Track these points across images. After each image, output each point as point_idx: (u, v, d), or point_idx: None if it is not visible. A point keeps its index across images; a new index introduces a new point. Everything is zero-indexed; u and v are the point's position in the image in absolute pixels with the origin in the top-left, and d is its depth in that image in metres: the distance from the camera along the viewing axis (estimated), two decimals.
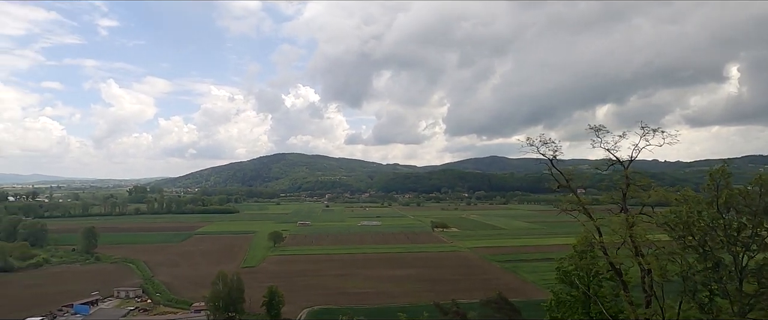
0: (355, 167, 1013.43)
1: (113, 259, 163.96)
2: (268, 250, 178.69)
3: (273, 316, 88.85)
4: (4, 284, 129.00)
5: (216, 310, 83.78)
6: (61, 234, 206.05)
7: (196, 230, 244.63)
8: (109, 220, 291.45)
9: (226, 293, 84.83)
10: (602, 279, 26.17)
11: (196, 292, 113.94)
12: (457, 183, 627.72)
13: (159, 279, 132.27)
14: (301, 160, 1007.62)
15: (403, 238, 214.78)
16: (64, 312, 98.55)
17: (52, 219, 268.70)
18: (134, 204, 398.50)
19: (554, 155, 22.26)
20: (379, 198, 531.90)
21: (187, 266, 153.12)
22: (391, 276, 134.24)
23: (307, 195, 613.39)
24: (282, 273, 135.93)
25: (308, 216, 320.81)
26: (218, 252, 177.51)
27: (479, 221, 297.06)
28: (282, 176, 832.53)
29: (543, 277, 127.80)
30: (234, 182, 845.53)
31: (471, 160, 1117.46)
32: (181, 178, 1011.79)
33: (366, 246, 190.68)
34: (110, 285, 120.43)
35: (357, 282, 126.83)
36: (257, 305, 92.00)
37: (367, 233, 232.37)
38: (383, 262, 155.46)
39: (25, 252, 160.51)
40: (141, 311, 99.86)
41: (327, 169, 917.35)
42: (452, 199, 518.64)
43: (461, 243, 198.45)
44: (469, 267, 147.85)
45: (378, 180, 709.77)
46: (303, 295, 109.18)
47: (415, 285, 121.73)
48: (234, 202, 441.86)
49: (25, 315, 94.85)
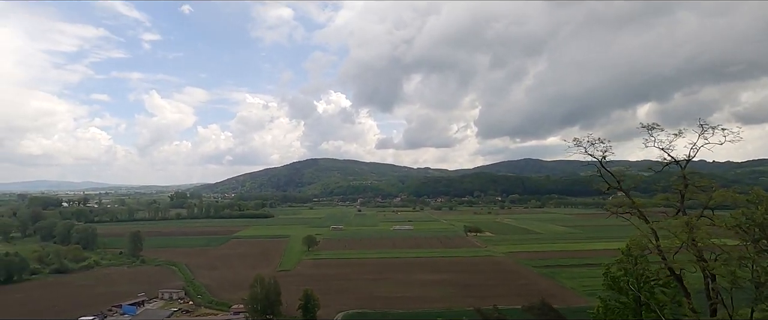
0: (386, 171, 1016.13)
1: (157, 262, 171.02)
2: (302, 254, 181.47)
3: (309, 319, 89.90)
4: (60, 285, 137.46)
5: (254, 312, 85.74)
6: (110, 238, 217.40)
7: (233, 234, 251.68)
8: (153, 225, 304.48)
9: (264, 295, 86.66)
10: (654, 284, 24.83)
11: (235, 294, 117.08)
12: (490, 186, 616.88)
13: (200, 281, 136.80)
14: (333, 165, 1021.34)
15: (436, 243, 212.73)
16: (113, 312, 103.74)
17: (101, 224, 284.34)
18: (175, 209, 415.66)
19: (604, 156, 21.26)
20: (410, 203, 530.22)
21: (226, 269, 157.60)
22: (425, 280, 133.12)
23: (339, 199, 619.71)
24: (316, 277, 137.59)
25: (341, 221, 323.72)
26: (255, 256, 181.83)
27: (514, 225, 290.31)
28: (314, 181, 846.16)
29: (583, 283, 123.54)
30: (268, 187, 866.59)
31: (504, 163, 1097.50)
32: (218, 184, 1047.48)
33: (399, 251, 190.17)
34: (155, 287, 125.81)
35: (391, 286, 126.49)
36: (293, 308, 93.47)
37: (400, 237, 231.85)
38: (417, 267, 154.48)
39: (78, 255, 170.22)
40: (184, 312, 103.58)
41: (358, 174, 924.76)
42: (485, 203, 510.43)
43: (496, 247, 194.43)
44: (504, 273, 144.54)
45: (409, 185, 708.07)
46: (337, 299, 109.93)
47: (450, 290, 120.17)
48: (269, 207, 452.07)
49: (78, 314, 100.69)
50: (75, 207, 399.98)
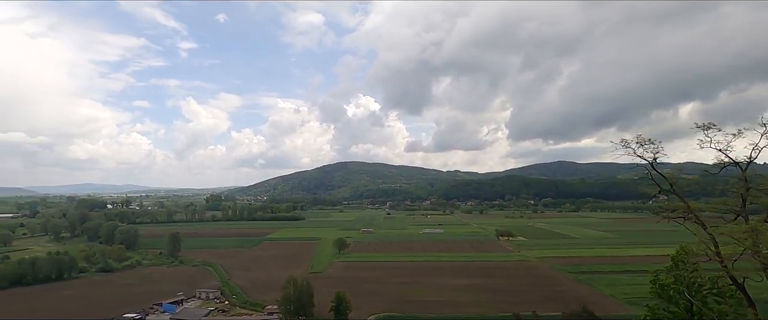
0: (415, 174, 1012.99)
1: (194, 262, 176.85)
2: (333, 256, 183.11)
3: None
4: (105, 283, 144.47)
5: (287, 313, 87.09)
6: (150, 239, 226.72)
7: (266, 236, 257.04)
8: (190, 226, 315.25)
9: (297, 297, 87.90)
10: (707, 293, 23.40)
11: (268, 295, 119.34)
12: (522, 189, 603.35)
13: (234, 282, 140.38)
14: (362, 168, 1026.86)
15: (467, 247, 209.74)
16: (154, 310, 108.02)
17: (142, 225, 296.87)
18: (211, 211, 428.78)
19: (655, 157, 20.19)
20: (440, 206, 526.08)
21: (259, 270, 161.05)
22: (456, 285, 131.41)
23: (368, 202, 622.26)
24: (347, 279, 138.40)
25: (370, 224, 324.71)
26: (287, 258, 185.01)
27: (547, 229, 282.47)
28: (344, 184, 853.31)
29: (623, 291, 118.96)
30: (299, 190, 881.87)
31: (536, 166, 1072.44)
32: (251, 187, 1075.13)
33: (429, 254, 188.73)
34: (192, 287, 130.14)
35: (422, 290, 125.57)
36: (325, 309, 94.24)
37: (430, 241, 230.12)
38: (448, 271, 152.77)
39: (121, 255, 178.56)
40: (220, 312, 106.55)
41: (387, 177, 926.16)
42: (517, 207, 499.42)
43: (529, 252, 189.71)
44: (538, 278, 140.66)
45: (439, 188, 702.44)
46: (368, 302, 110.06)
47: (482, 295, 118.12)
48: (300, 210, 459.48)
49: (122, 311, 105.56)
50: (118, 209, 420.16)
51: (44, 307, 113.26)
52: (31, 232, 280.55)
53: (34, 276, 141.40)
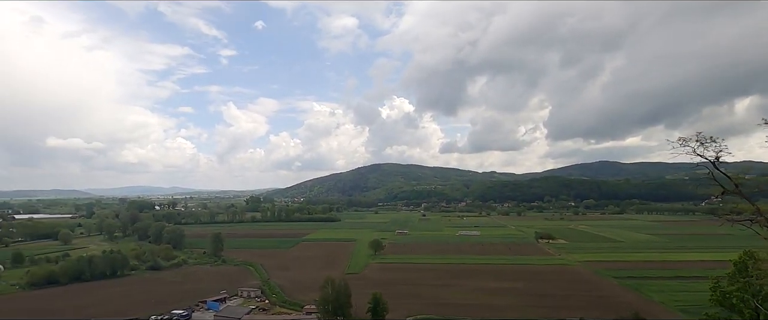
0: (450, 176, 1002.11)
1: (235, 262, 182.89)
2: (369, 258, 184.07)
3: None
4: (154, 281, 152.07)
5: (325, 313, 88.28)
6: (194, 239, 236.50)
7: (303, 237, 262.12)
8: (231, 227, 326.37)
9: (334, 297, 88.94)
10: None
11: (306, 295, 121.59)
12: (562, 191, 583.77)
13: (274, 281, 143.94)
14: (397, 169, 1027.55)
15: (505, 249, 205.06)
16: (200, 307, 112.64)
17: (187, 226, 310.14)
18: (250, 212, 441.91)
19: (718, 156, 18.87)
20: (476, 208, 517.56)
21: (297, 270, 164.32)
22: (494, 288, 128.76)
23: (403, 204, 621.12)
24: (383, 281, 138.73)
25: (405, 225, 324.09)
26: (323, 258, 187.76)
27: (590, 232, 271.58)
28: (378, 186, 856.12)
29: (675, 298, 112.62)
30: (334, 192, 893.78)
31: (577, 166, 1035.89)
32: (288, 189, 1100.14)
33: (465, 257, 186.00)
34: (235, 285, 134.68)
35: (458, 293, 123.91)
36: (362, 310, 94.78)
37: (466, 243, 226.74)
38: (485, 274, 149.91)
39: (169, 254, 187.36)
40: (261, 310, 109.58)
41: (422, 178, 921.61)
42: (557, 208, 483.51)
43: (570, 256, 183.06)
44: (581, 283, 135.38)
45: (474, 189, 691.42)
46: (404, 303, 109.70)
47: (521, 299, 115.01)
48: (335, 211, 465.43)
49: (170, 307, 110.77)
50: (165, 210, 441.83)
51: (100, 302, 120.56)
52: (87, 232, 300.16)
53: (91, 273, 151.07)
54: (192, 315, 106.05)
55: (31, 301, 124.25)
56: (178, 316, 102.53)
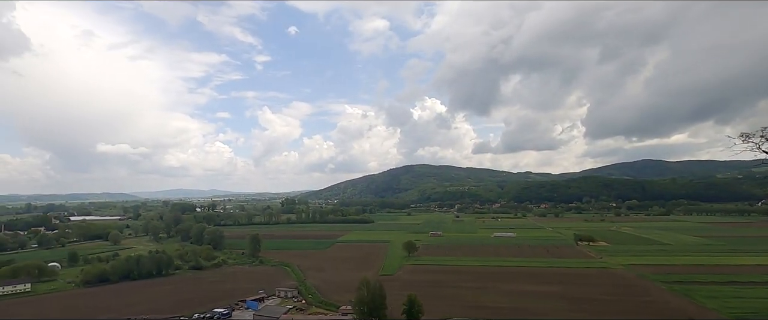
0: (483, 176, 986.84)
1: (272, 262, 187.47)
2: (403, 259, 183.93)
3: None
4: (197, 279, 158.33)
5: (361, 314, 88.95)
6: (233, 240, 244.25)
7: (337, 238, 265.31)
8: (267, 228, 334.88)
9: (370, 298, 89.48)
10: None
11: (342, 296, 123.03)
12: (602, 191, 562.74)
13: (310, 282, 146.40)
14: (429, 170, 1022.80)
15: (543, 252, 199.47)
16: (239, 306, 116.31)
17: (226, 227, 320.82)
18: (286, 214, 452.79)
19: None
20: (511, 209, 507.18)
21: (332, 271, 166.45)
22: (531, 291, 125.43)
23: (436, 205, 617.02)
24: (418, 283, 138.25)
25: (439, 227, 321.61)
26: (357, 260, 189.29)
27: (633, 234, 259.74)
28: (411, 187, 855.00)
29: (728, 304, 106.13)
30: (367, 194, 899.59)
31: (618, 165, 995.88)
32: (322, 191, 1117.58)
33: (501, 259, 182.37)
34: (272, 285, 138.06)
35: (494, 295, 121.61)
36: (398, 312, 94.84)
37: (502, 245, 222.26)
38: (521, 276, 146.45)
39: (209, 254, 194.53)
40: (298, 310, 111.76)
41: (455, 179, 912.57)
42: (597, 209, 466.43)
43: (613, 259, 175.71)
44: (625, 287, 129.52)
45: (509, 190, 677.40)
46: (439, 306, 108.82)
47: (560, 304, 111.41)
48: (369, 213, 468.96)
49: (212, 305, 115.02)
50: (205, 212, 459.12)
51: (147, 300, 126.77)
52: (135, 233, 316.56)
53: (139, 272, 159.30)
54: (232, 313, 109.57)
55: (85, 298, 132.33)
56: (220, 315, 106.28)
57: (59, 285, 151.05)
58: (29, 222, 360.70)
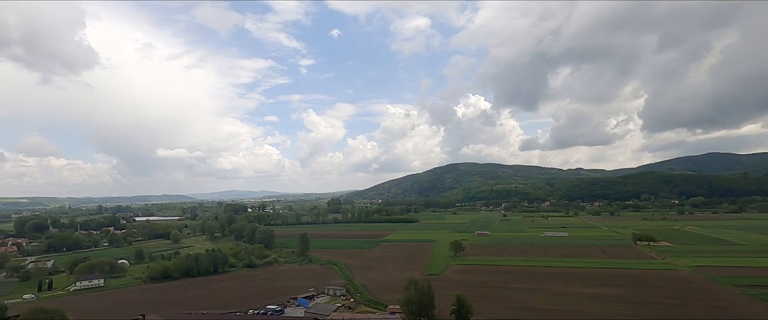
0: (531, 174, 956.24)
1: (321, 261, 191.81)
2: (449, 259, 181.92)
3: None
4: (250, 277, 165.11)
5: (410, 314, 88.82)
6: (283, 239, 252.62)
7: (383, 238, 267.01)
8: (315, 228, 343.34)
9: (418, 298, 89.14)
10: None
11: (389, 295, 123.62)
12: (662, 187, 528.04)
13: (357, 280, 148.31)
14: (474, 169, 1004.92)
15: (597, 252, 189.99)
16: (290, 303, 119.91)
17: (275, 227, 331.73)
18: (332, 214, 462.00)
19: None
20: (561, 207, 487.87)
21: (379, 270, 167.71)
22: (586, 294, 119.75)
23: (481, 204, 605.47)
24: (465, 283, 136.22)
25: (485, 226, 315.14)
26: (404, 259, 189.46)
27: (700, 234, 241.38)
28: (455, 186, 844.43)
29: None
30: (411, 193, 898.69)
31: (680, 160, 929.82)
32: (366, 191, 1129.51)
33: (552, 259, 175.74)
34: (321, 284, 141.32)
35: (546, 297, 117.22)
36: (446, 312, 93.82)
37: (553, 245, 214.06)
38: (575, 278, 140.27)
39: (261, 253, 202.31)
40: (346, 308, 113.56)
41: (501, 178, 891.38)
42: (657, 207, 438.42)
43: (677, 260, 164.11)
44: (691, 290, 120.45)
45: (559, 188, 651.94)
46: (488, 306, 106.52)
47: (619, 307, 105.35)
48: (413, 212, 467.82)
49: (265, 302, 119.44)
50: (256, 212, 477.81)
51: (205, 296, 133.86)
52: (193, 232, 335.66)
53: (197, 269, 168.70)
54: (284, 310, 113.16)
55: (151, 293, 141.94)
56: (273, 311, 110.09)
57: (128, 281, 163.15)
58: (101, 222, 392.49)
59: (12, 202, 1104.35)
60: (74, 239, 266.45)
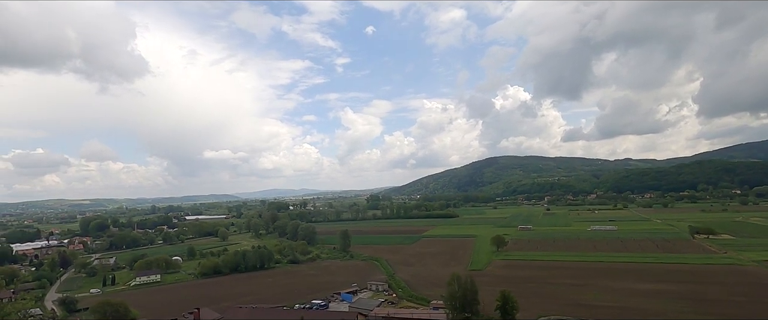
0: (575, 166, 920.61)
1: (362, 257, 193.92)
2: (492, 254, 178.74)
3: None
4: (294, 273, 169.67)
5: (453, 309, 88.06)
6: (324, 236, 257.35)
7: (423, 233, 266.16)
8: (354, 224, 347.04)
9: (462, 294, 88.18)
10: None
11: (431, 290, 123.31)
12: (722, 177, 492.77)
13: (399, 276, 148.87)
14: (514, 162, 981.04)
15: (651, 246, 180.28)
16: (334, 298, 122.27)
17: (317, 223, 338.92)
18: (371, 210, 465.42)
19: None
20: (609, 200, 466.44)
21: (420, 266, 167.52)
22: (640, 290, 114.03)
23: (523, 198, 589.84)
24: (509, 278, 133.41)
25: (528, 221, 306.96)
26: (445, 255, 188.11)
27: (767, 226, 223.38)
28: (495, 180, 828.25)
29: None
30: (450, 188, 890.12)
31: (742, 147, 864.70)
32: (405, 187, 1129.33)
33: (601, 254, 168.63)
34: (363, 279, 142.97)
35: (597, 293, 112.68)
36: (490, 308, 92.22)
37: (601, 239, 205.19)
38: (627, 273, 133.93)
39: (304, 249, 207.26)
40: (389, 303, 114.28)
41: (543, 170, 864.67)
42: (716, 198, 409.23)
43: (742, 254, 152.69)
44: (759, 287, 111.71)
45: (606, 179, 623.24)
46: (534, 303, 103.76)
47: (679, 304, 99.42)
48: (453, 207, 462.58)
49: (311, 297, 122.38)
50: (298, 210, 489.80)
51: (254, 291, 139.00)
52: (239, 230, 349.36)
53: (245, 265, 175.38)
54: (329, 305, 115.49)
55: (203, 288, 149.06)
56: (318, 306, 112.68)
57: (182, 276, 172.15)
58: (155, 221, 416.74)
59: (77, 204, 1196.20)
60: (132, 237, 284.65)
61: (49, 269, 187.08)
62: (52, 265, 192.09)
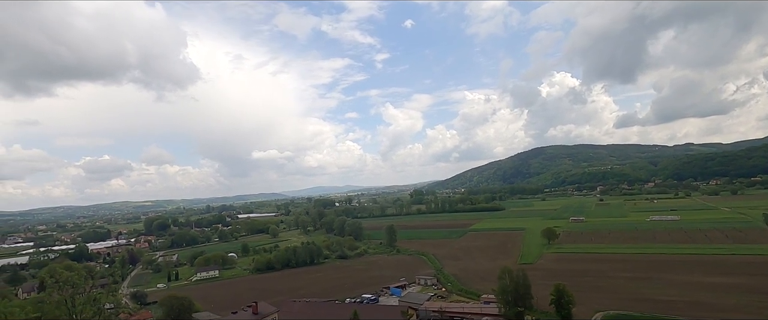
0: (630, 153, 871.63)
1: (409, 252, 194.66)
2: (542, 247, 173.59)
3: (563, 316, 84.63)
4: (343, 267, 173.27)
5: (506, 304, 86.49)
6: (370, 231, 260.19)
7: (469, 227, 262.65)
8: (399, 219, 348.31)
9: (513, 288, 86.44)
10: None
11: (480, 284, 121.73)
12: None
13: (447, 270, 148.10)
14: (563, 151, 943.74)
15: (720, 236, 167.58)
16: (384, 292, 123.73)
17: (362, 219, 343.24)
18: (416, 205, 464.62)
19: None
20: (669, 188, 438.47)
21: (468, 260, 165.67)
22: (708, 283, 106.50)
23: (573, 188, 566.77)
24: (563, 272, 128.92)
25: (580, 212, 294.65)
26: (493, 248, 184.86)
27: None
28: (543, 171, 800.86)
29: None
30: (495, 180, 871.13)
31: None
32: (448, 180, 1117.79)
33: (663, 246, 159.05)
34: (412, 273, 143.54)
35: (659, 287, 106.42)
36: (544, 303, 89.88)
37: (662, 230, 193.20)
38: (693, 266, 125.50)
39: (352, 245, 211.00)
40: (439, 298, 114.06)
41: (594, 159, 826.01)
42: None
43: None
44: None
45: (665, 166, 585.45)
46: (591, 297, 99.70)
47: (752, 298, 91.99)
48: (498, 200, 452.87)
49: (360, 291, 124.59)
50: (343, 206, 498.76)
51: (306, 285, 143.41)
52: (288, 227, 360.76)
53: (296, 261, 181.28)
54: (379, 299, 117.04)
55: (258, 282, 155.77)
56: (368, 300, 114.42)
57: (238, 272, 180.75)
58: (210, 220, 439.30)
59: (140, 205, 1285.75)
60: (191, 235, 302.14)
61: (120, 266, 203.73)
62: (123, 262, 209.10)
